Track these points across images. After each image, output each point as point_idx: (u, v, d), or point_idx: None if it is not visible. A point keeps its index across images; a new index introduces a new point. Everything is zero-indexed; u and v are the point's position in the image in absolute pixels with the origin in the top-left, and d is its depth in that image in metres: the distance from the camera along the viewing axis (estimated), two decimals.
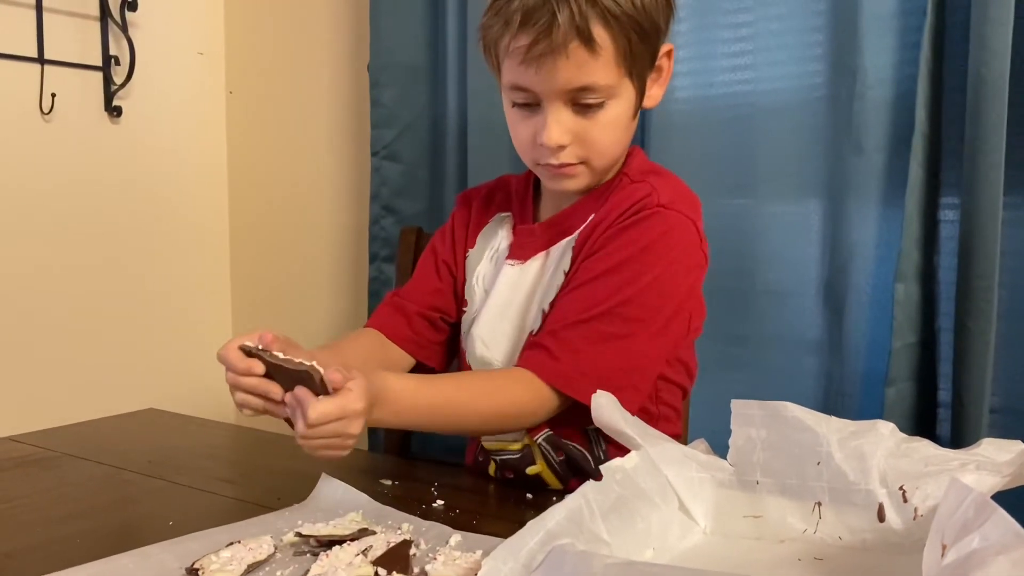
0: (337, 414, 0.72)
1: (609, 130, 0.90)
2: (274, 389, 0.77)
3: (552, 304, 0.94)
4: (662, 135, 1.32)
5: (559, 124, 0.88)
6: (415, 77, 1.59)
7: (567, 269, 0.94)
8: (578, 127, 0.89)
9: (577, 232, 0.96)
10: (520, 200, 1.04)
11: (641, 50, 0.88)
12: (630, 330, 0.89)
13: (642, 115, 1.36)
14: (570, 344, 0.88)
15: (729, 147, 1.29)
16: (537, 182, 1.03)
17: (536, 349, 0.90)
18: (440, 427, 0.89)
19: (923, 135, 1.11)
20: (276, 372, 0.77)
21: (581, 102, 0.87)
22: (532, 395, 0.88)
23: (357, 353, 0.99)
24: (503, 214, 1.05)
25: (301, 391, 0.74)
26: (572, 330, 0.89)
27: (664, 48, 0.92)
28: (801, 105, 1.24)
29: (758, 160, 1.28)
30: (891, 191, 1.17)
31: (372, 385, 0.76)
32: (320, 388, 0.73)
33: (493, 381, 0.91)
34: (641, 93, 0.92)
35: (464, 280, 1.05)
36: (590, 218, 0.95)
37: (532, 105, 0.90)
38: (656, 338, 0.91)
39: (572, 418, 0.92)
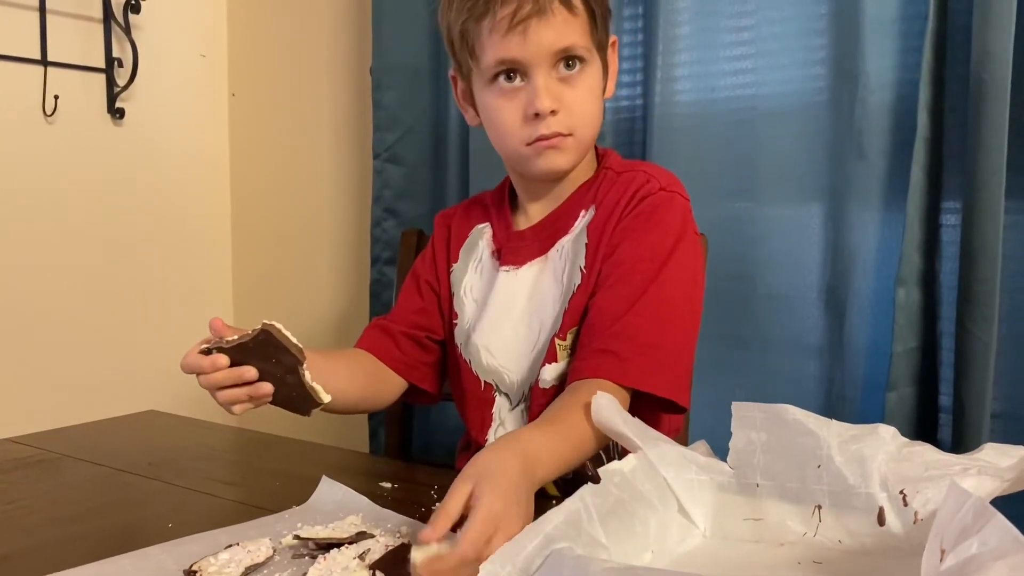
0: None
1: (589, 98, 0.94)
2: (248, 372, 0.79)
3: (575, 301, 0.95)
4: (664, 138, 1.32)
5: (548, 90, 0.91)
6: (417, 79, 1.59)
7: (583, 265, 0.96)
8: (563, 94, 0.92)
9: (578, 229, 0.97)
10: (497, 210, 1.06)
11: (603, 24, 0.94)
12: (674, 311, 0.91)
13: (643, 118, 1.37)
14: (631, 341, 0.88)
15: (731, 151, 1.29)
16: (512, 191, 1.05)
17: (604, 355, 0.88)
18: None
19: (924, 139, 1.11)
20: (241, 355, 0.78)
21: (564, 65, 0.91)
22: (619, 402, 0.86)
23: (353, 371, 0.98)
24: (481, 225, 1.07)
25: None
26: (624, 327, 0.89)
27: (609, 39, 0.98)
28: (803, 109, 1.24)
29: (760, 164, 1.28)
30: (892, 195, 1.17)
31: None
32: (283, 338, 0.76)
33: (581, 415, 0.82)
34: (604, 74, 0.97)
35: (450, 295, 1.05)
36: (581, 214, 0.98)
37: (517, 82, 0.92)
38: (696, 311, 0.95)
39: None
